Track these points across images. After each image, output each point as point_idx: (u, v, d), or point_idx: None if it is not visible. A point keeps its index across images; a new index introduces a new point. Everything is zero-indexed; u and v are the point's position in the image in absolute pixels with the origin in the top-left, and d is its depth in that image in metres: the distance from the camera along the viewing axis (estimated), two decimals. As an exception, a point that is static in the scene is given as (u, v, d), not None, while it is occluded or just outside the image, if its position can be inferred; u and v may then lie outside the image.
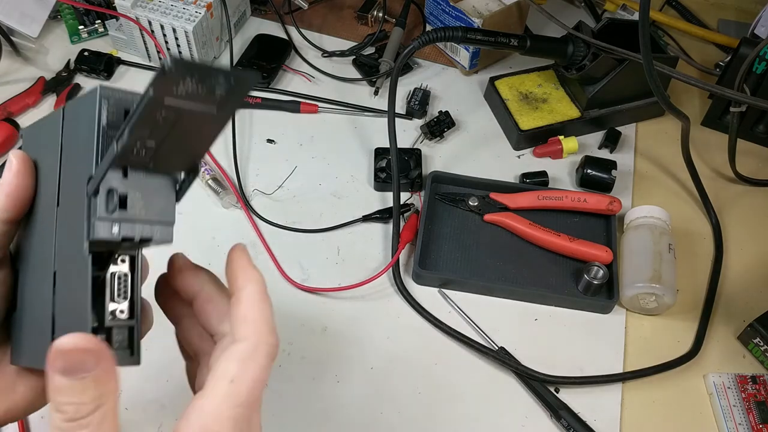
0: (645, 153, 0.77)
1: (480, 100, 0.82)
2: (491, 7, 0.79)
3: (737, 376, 0.59)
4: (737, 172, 0.74)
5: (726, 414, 0.57)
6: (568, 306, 0.64)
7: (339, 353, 0.61)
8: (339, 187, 0.72)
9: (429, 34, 0.66)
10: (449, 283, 0.64)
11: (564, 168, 0.75)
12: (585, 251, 0.64)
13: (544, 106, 0.77)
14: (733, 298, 0.65)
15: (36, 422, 0.55)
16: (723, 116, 0.78)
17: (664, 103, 0.64)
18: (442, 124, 0.76)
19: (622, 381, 0.59)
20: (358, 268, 0.66)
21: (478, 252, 0.67)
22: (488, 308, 0.63)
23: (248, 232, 0.67)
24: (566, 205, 0.68)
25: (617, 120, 0.78)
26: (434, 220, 0.69)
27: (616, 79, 0.73)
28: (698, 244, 0.70)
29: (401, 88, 0.79)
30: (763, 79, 0.71)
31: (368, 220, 0.69)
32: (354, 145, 0.76)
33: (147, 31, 0.78)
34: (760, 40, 0.71)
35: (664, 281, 0.61)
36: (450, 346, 0.61)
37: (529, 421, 0.57)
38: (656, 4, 0.92)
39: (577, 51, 0.72)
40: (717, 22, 0.92)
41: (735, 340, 0.63)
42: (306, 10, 0.89)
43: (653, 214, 0.66)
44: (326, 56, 0.85)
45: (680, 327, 0.63)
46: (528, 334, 0.62)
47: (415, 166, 0.72)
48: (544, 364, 0.59)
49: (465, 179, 0.71)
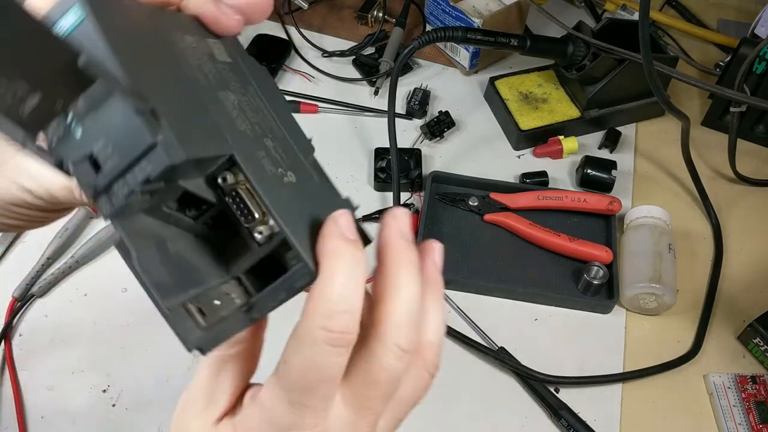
0: (645, 153, 0.77)
1: (480, 100, 0.82)
2: (491, 7, 0.79)
3: (737, 376, 0.59)
4: (737, 172, 0.74)
5: (726, 414, 0.57)
6: (568, 306, 0.64)
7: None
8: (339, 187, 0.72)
9: (429, 34, 0.66)
10: (449, 283, 0.64)
11: (564, 168, 0.75)
12: (585, 251, 0.64)
13: (544, 106, 0.77)
14: (733, 298, 0.65)
15: (36, 422, 0.55)
16: (723, 116, 0.78)
17: (664, 103, 0.64)
18: (442, 124, 0.76)
19: (622, 381, 0.59)
20: (358, 268, 0.65)
21: (478, 252, 0.67)
22: (488, 308, 0.63)
23: (248, 232, 0.67)
24: (566, 205, 0.68)
25: (617, 120, 0.78)
26: (434, 220, 0.69)
27: (616, 79, 0.73)
28: (698, 244, 0.70)
29: (401, 88, 0.79)
30: (763, 79, 0.71)
31: (368, 220, 0.69)
32: (354, 145, 0.76)
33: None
34: (760, 40, 0.71)
35: (664, 281, 0.61)
36: (450, 346, 0.61)
37: (529, 421, 0.57)
38: (656, 4, 0.92)
39: (577, 51, 0.72)
40: (717, 22, 0.92)
41: (735, 340, 0.63)
42: (306, 10, 0.89)
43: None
44: (326, 56, 0.85)
45: (680, 327, 0.63)
46: (528, 334, 0.62)
47: (415, 166, 0.72)
48: (544, 364, 0.59)
49: (465, 179, 0.71)
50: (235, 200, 0.28)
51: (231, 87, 0.30)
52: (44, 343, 0.59)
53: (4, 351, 0.58)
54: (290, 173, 0.30)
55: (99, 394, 0.56)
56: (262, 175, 0.28)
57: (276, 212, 0.27)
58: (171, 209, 0.28)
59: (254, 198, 0.27)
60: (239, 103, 0.30)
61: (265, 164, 0.29)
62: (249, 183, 0.27)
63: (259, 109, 0.31)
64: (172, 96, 0.26)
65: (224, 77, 0.30)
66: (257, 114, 0.30)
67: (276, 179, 0.29)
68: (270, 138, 0.30)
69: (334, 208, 0.29)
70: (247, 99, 0.31)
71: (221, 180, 0.27)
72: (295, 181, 0.30)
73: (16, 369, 0.57)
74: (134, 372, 0.58)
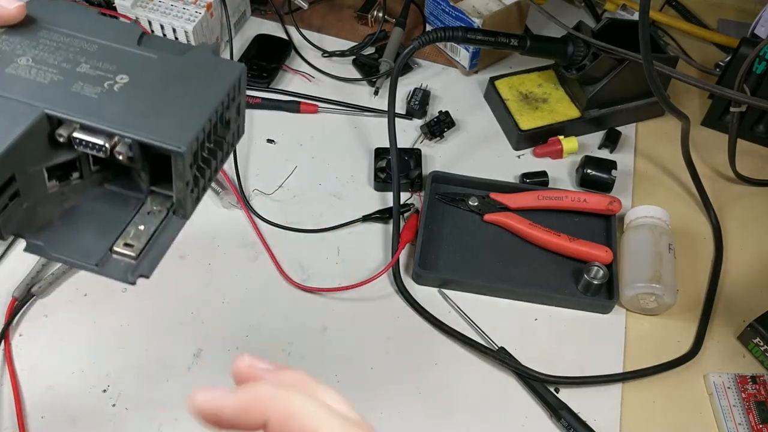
0: (645, 153, 0.77)
1: (480, 100, 0.82)
2: (491, 7, 0.79)
3: (737, 376, 0.59)
4: (737, 172, 0.74)
5: (726, 414, 0.57)
6: (568, 306, 0.64)
7: (339, 353, 0.61)
8: (339, 187, 0.72)
9: (429, 34, 0.66)
10: (449, 283, 0.64)
11: (564, 168, 0.75)
12: (585, 251, 0.64)
13: (544, 106, 0.77)
14: (733, 298, 0.65)
15: (36, 422, 0.55)
16: (723, 116, 0.78)
17: (664, 103, 0.64)
18: (442, 124, 0.76)
19: (622, 381, 0.59)
20: (358, 268, 0.66)
21: (478, 252, 0.67)
22: (488, 308, 0.63)
23: (248, 232, 0.67)
24: (566, 205, 0.68)
25: (617, 120, 0.78)
26: (434, 220, 0.69)
27: (616, 79, 0.73)
28: (698, 244, 0.70)
29: (401, 88, 0.79)
30: (763, 79, 0.71)
31: (368, 220, 0.69)
32: (354, 145, 0.76)
33: (147, 31, 0.78)
34: (760, 40, 0.71)
35: (664, 281, 0.61)
36: (450, 346, 0.61)
37: (529, 421, 0.57)
38: (656, 4, 0.92)
39: (577, 51, 0.72)
40: (717, 22, 0.92)
41: (735, 340, 0.63)
42: (306, 10, 0.89)
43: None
44: (326, 56, 0.85)
45: (680, 327, 0.63)
46: (528, 334, 0.62)
47: (415, 166, 0.72)
48: (544, 364, 0.59)
49: (465, 179, 0.71)
50: (82, 144, 0.29)
51: (17, 52, 0.31)
52: (44, 343, 0.59)
53: (4, 351, 0.58)
54: (120, 76, 0.31)
55: (99, 394, 0.56)
56: (88, 105, 0.29)
57: (117, 128, 0.29)
58: (54, 186, 0.30)
59: (92, 131, 0.29)
60: (34, 59, 0.31)
61: (86, 91, 0.30)
62: (78, 122, 0.29)
63: (62, 45, 0.32)
64: None
65: (7, 50, 0.31)
66: (60, 52, 0.31)
67: (105, 96, 0.30)
68: (84, 61, 0.31)
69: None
70: (44, 46, 0.32)
71: (59, 137, 0.29)
72: (128, 80, 0.31)
73: (16, 369, 0.57)
74: (134, 372, 0.58)
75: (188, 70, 0.32)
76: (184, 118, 0.29)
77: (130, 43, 0.33)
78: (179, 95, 0.30)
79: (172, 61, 0.32)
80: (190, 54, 0.33)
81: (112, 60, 0.31)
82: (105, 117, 0.29)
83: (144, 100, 0.30)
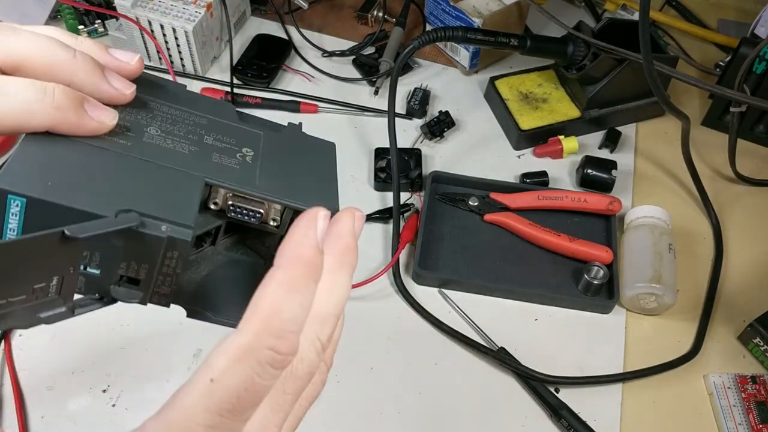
0: (645, 153, 0.77)
1: (480, 100, 0.82)
2: (491, 7, 0.79)
3: (737, 376, 0.59)
4: (737, 172, 0.74)
5: (726, 414, 0.57)
6: (568, 306, 0.64)
7: (339, 353, 0.60)
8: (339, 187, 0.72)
9: (429, 34, 0.66)
10: (449, 283, 0.64)
11: (564, 168, 0.75)
12: (585, 251, 0.64)
13: (544, 106, 0.77)
14: (733, 298, 0.65)
15: (36, 422, 0.55)
16: (723, 116, 0.78)
17: (664, 103, 0.64)
18: (442, 124, 0.76)
19: (622, 381, 0.59)
20: (358, 268, 0.65)
21: (478, 252, 0.67)
22: (488, 308, 0.63)
23: (248, 232, 0.67)
24: (566, 205, 0.68)
25: (617, 120, 0.78)
26: (434, 220, 0.69)
27: (616, 79, 0.73)
28: (698, 244, 0.70)
29: (401, 88, 0.79)
30: (763, 79, 0.71)
31: (368, 220, 0.69)
32: (354, 145, 0.76)
33: (147, 31, 0.78)
34: (760, 40, 0.71)
35: (664, 281, 0.61)
36: (450, 346, 0.61)
37: (529, 421, 0.57)
38: (656, 4, 0.92)
39: (577, 51, 0.72)
40: (717, 22, 0.92)
41: (735, 340, 0.63)
42: (306, 10, 0.89)
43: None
44: (326, 56, 0.85)
45: (680, 327, 0.63)
46: (528, 334, 0.62)
47: (415, 166, 0.72)
48: (544, 364, 0.59)
49: (465, 179, 0.71)
50: (237, 211, 0.29)
51: (142, 123, 0.30)
52: (44, 343, 0.59)
53: (4, 351, 0.58)
54: (246, 149, 0.31)
55: (99, 394, 0.56)
56: (235, 175, 0.29)
57: (272, 197, 0.29)
58: (192, 253, 0.30)
59: (247, 198, 0.29)
60: (162, 130, 0.30)
61: (226, 162, 0.30)
62: (232, 191, 0.29)
63: (177, 118, 0.31)
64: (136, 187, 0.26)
65: (133, 120, 0.29)
66: (179, 124, 0.31)
67: (244, 167, 0.30)
68: (205, 134, 0.31)
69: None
70: (162, 119, 0.30)
71: (214, 205, 0.29)
72: (253, 154, 0.31)
73: (16, 369, 0.57)
74: (134, 372, 0.58)
75: (294, 146, 0.34)
76: (323, 187, 0.32)
77: (233, 118, 0.33)
78: (303, 168, 0.32)
79: (276, 138, 0.33)
80: (285, 131, 0.35)
81: (227, 134, 0.31)
82: (257, 186, 0.29)
83: (277, 172, 0.31)
